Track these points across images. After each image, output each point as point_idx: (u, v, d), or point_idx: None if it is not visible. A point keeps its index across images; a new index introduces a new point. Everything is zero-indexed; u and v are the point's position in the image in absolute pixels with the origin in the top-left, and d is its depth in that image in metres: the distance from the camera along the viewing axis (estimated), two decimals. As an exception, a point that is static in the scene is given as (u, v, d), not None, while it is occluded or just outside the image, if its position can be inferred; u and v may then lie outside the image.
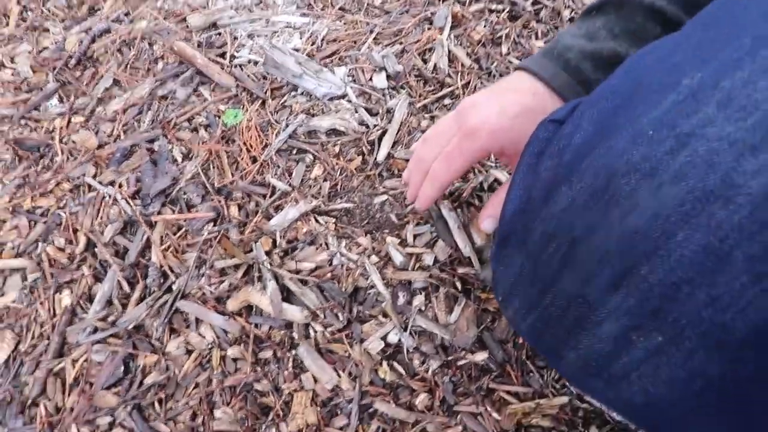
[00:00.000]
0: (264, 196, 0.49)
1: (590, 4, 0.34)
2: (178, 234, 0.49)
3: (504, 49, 0.60)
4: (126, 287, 0.47)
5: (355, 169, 0.51)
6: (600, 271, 0.22)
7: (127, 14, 0.73)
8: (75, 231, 0.51)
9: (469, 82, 0.57)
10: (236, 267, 0.46)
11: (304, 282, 0.43)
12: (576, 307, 0.24)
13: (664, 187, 0.20)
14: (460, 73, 0.58)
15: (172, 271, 0.47)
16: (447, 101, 0.56)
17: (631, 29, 0.31)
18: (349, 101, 0.55)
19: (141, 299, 0.46)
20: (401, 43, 0.61)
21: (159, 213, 0.50)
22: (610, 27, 0.31)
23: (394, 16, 0.65)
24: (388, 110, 0.54)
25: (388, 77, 0.57)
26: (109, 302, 0.47)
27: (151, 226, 0.50)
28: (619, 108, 0.26)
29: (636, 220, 0.21)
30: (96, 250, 0.49)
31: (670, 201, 0.20)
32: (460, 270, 0.43)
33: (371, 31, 0.63)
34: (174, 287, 0.46)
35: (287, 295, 0.43)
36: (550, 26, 0.64)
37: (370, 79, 0.58)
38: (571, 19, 0.65)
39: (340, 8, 0.67)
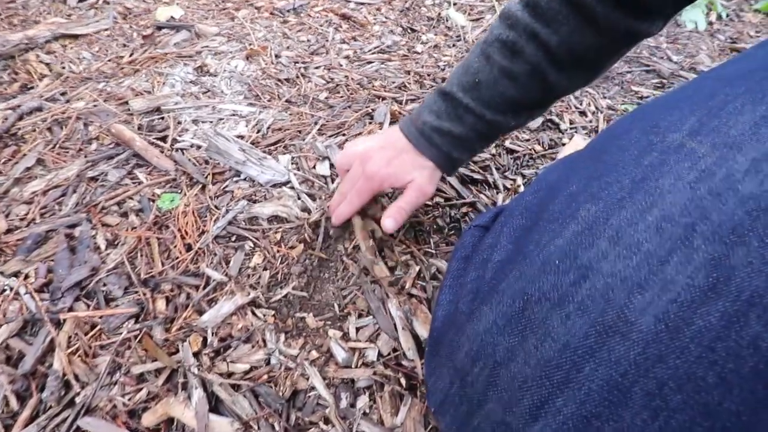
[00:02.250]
0: (197, 288, 0.44)
1: (441, 86, 0.43)
2: (91, 334, 0.41)
3: (437, 143, 0.63)
4: (14, 404, 0.37)
5: (297, 256, 0.47)
6: (521, 399, 0.21)
7: (63, 94, 0.68)
8: (-42, 333, 0.41)
9: (407, 172, 0.58)
10: (158, 372, 0.39)
11: (236, 387, 0.37)
12: None
13: (571, 317, 0.21)
14: (398, 164, 0.59)
15: (77, 379, 0.38)
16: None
17: (458, 115, 0.41)
18: (292, 188, 0.53)
19: (32, 418, 0.37)
20: (344, 135, 0.62)
21: (70, 309, 0.42)
22: (449, 112, 0.42)
23: (337, 110, 0.67)
24: (330, 197, 0.53)
25: (331, 166, 0.57)
26: (-11, 424, 0.37)
27: (59, 324, 0.41)
28: (529, 230, 0.28)
29: (550, 349, 0.21)
30: (-18, 356, 0.39)
31: (577, 332, 0.20)
32: (405, 363, 0.39)
33: (316, 123, 0.64)
34: (78, 400, 0.37)
35: (215, 404, 0.37)
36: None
37: (314, 167, 0.57)
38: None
39: (286, 101, 0.68)
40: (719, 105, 0.24)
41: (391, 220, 0.43)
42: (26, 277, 0.45)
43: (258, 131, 0.62)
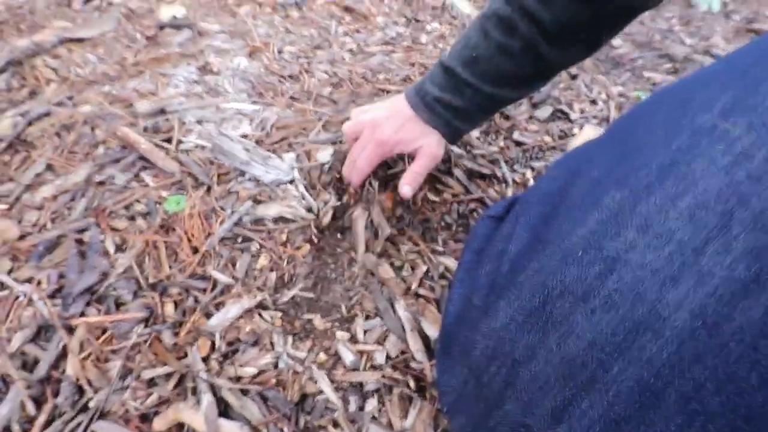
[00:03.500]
0: (204, 291, 0.43)
1: (443, 58, 0.44)
2: (102, 339, 0.41)
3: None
4: (31, 408, 0.37)
5: (303, 256, 0.46)
6: (542, 401, 0.20)
7: (70, 98, 0.67)
8: (-26, 340, 0.41)
9: (413, 168, 0.56)
10: (167, 376, 0.38)
11: (244, 392, 0.37)
12: None
13: (597, 313, 0.19)
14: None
15: (90, 384, 0.38)
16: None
17: (458, 88, 0.42)
18: (297, 187, 0.52)
19: (48, 422, 0.37)
20: (348, 131, 0.60)
21: (82, 314, 0.42)
22: (449, 85, 0.43)
23: (341, 106, 0.65)
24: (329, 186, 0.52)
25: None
26: (7, 430, 0.37)
27: (71, 330, 0.41)
28: (548, 218, 0.26)
29: (573, 347, 0.19)
30: (-2, 362, 0.40)
31: (603, 329, 0.19)
32: (413, 366, 0.38)
33: (320, 119, 0.62)
34: (91, 404, 0.37)
35: (225, 409, 0.36)
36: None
37: (314, 157, 0.55)
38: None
39: (290, 97, 0.66)
40: (754, 82, 0.22)
41: (408, 186, 0.45)
42: (39, 283, 0.45)
43: (262, 129, 0.60)
